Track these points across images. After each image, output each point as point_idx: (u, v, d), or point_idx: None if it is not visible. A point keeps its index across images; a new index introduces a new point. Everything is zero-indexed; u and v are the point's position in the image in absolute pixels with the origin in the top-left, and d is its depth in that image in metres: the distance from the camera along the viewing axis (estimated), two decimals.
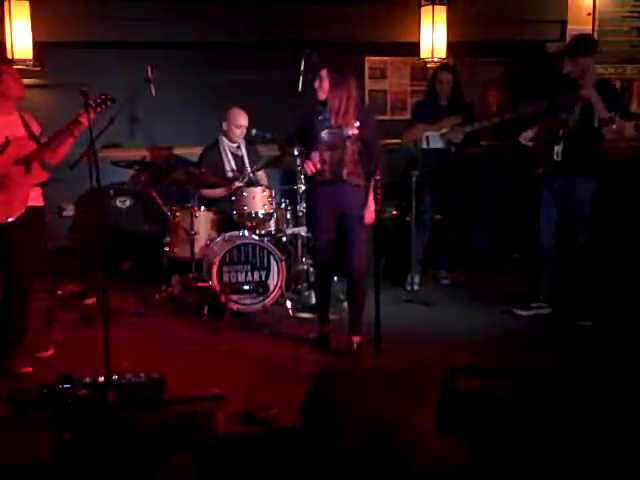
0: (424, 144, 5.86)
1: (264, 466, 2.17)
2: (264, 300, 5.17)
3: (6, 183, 4.02)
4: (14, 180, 4.04)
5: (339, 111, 4.20)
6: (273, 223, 5.38)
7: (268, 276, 5.18)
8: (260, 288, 5.17)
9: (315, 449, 1.99)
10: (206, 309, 5.08)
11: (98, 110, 4.11)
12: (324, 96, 4.28)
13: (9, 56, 5.72)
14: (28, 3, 5.79)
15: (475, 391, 2.58)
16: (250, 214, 5.27)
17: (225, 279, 5.08)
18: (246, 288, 5.15)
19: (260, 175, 5.89)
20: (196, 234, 5.26)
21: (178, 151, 6.51)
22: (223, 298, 4.97)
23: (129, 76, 5.39)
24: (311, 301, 5.26)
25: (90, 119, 3.76)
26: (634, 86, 6.74)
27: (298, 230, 5.48)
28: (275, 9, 6.18)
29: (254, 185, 5.43)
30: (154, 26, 6.07)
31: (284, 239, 5.54)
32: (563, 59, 4.91)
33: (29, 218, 4.09)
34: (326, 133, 4.28)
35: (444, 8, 6.29)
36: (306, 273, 5.48)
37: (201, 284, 5.14)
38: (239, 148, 5.81)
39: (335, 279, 4.84)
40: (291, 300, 5.27)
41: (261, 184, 5.58)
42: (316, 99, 4.35)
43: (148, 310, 5.20)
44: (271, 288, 5.18)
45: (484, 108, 6.82)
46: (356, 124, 4.19)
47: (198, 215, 5.36)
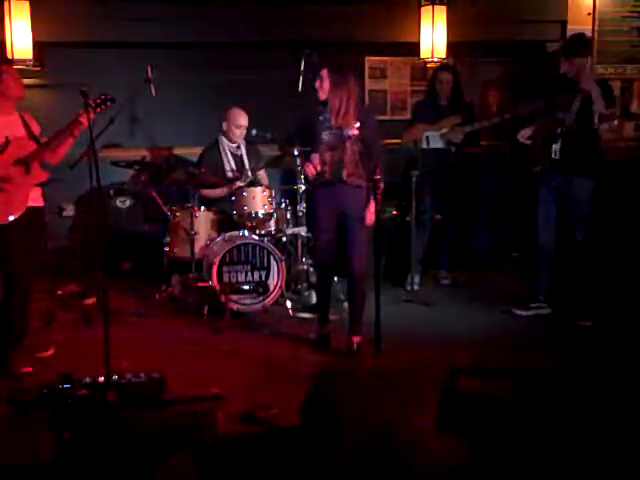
0: (424, 144, 5.86)
1: (264, 466, 2.17)
2: (264, 300, 5.18)
3: (6, 183, 4.02)
4: (14, 180, 4.04)
5: (339, 111, 4.20)
6: (273, 223, 5.38)
7: (268, 276, 5.18)
8: (260, 288, 5.17)
9: (315, 449, 1.99)
10: (206, 309, 5.08)
11: (98, 110, 4.11)
12: (325, 96, 4.28)
13: (9, 56, 5.72)
14: (28, 3, 5.79)
15: (475, 391, 2.58)
16: (250, 214, 5.27)
17: (225, 279, 5.08)
18: (246, 288, 5.15)
19: (261, 175, 5.89)
20: (196, 234, 5.26)
21: (178, 151, 6.51)
22: (223, 298, 4.97)
23: (129, 76, 5.39)
24: (311, 301, 5.26)
25: (90, 119, 3.76)
26: (634, 86, 6.74)
27: (298, 230, 5.49)
28: (275, 9, 6.18)
29: (254, 185, 5.44)
30: (154, 26, 6.08)
31: (284, 239, 5.55)
32: (559, 59, 4.92)
33: (29, 218, 4.09)
34: (326, 134, 4.27)
35: (444, 8, 6.29)
36: (306, 273, 5.49)
37: (201, 284, 5.14)
38: (239, 148, 5.81)
39: (335, 279, 4.84)
40: (291, 300, 5.27)
41: (261, 184, 5.58)
42: (316, 99, 4.35)
43: (148, 310, 5.20)
44: (271, 288, 5.18)
45: (484, 108, 6.82)
46: (356, 124, 4.19)
47: (198, 215, 5.36)
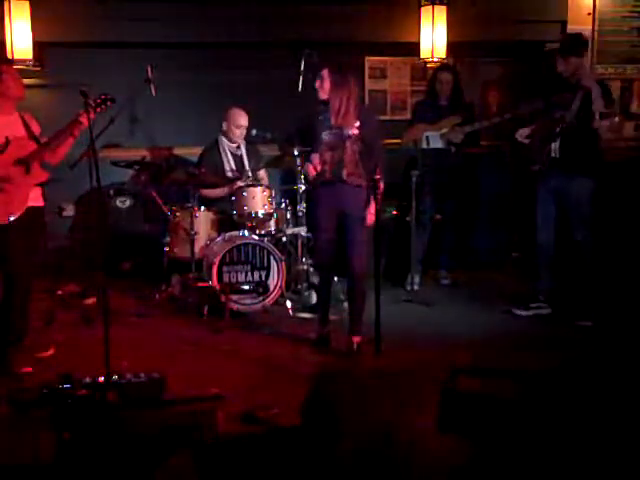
0: (424, 144, 5.86)
1: (264, 466, 2.17)
2: (264, 300, 5.17)
3: (6, 183, 4.02)
4: (14, 180, 4.04)
5: (339, 111, 4.20)
6: (273, 223, 5.38)
7: (268, 276, 5.18)
8: (260, 288, 5.17)
9: (315, 449, 1.99)
10: (206, 309, 5.08)
11: (98, 110, 4.12)
12: (325, 96, 4.28)
13: (9, 56, 5.72)
14: (28, 3, 5.79)
15: (475, 391, 2.58)
16: (250, 214, 5.27)
17: (225, 279, 5.08)
18: (246, 288, 5.15)
19: (262, 174, 5.89)
20: (196, 234, 5.26)
21: (178, 151, 6.51)
22: (223, 298, 4.97)
23: (129, 76, 5.39)
24: (311, 301, 5.26)
25: (90, 119, 3.76)
26: (634, 86, 6.74)
27: (298, 230, 5.48)
28: (275, 9, 6.18)
29: (254, 185, 5.44)
30: (154, 26, 6.07)
31: (284, 239, 5.54)
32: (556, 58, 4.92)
33: (29, 218, 4.09)
34: (327, 133, 4.28)
35: (444, 8, 6.29)
36: (306, 273, 5.48)
37: (201, 284, 5.14)
38: (239, 148, 5.81)
39: (335, 279, 4.84)
40: (291, 300, 5.27)
41: (262, 184, 5.58)
42: (316, 99, 4.36)
43: (148, 310, 5.20)
44: (271, 288, 5.18)
45: (484, 108, 6.82)
46: (356, 124, 4.19)
47: (198, 215, 5.36)
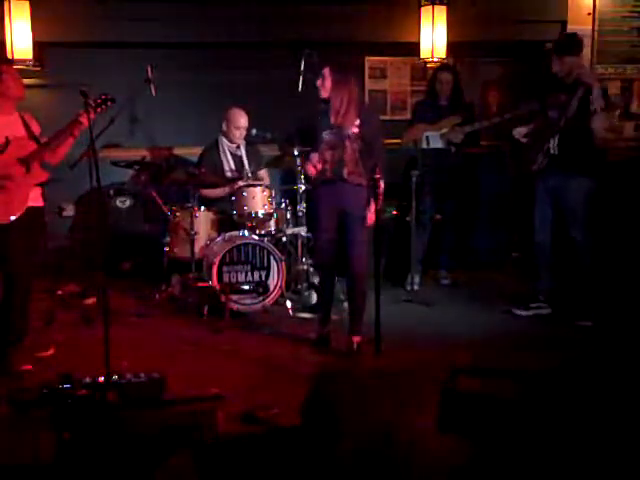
0: (424, 144, 5.86)
1: (264, 466, 2.17)
2: (264, 300, 5.17)
3: (6, 183, 4.02)
4: (14, 180, 4.04)
5: (340, 110, 4.20)
6: (273, 223, 5.38)
7: (268, 276, 5.18)
8: (260, 288, 5.17)
9: (315, 449, 1.99)
10: (206, 309, 5.08)
11: (98, 110, 4.12)
12: (326, 94, 4.28)
13: (9, 56, 5.72)
14: (28, 3, 5.79)
15: (475, 391, 2.58)
16: (250, 214, 5.27)
17: (225, 279, 5.08)
18: (246, 288, 5.15)
19: (262, 174, 5.89)
20: (196, 234, 5.26)
21: (178, 151, 6.51)
22: (223, 298, 4.97)
23: (129, 76, 5.39)
24: (311, 301, 5.26)
25: (90, 119, 3.76)
26: (634, 86, 6.74)
27: (298, 230, 5.48)
28: (275, 9, 6.18)
29: (254, 185, 5.44)
30: (154, 26, 6.07)
31: (284, 239, 5.54)
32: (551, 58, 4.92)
33: (29, 218, 4.09)
34: (327, 132, 4.28)
35: (444, 8, 6.29)
36: (306, 273, 5.48)
37: (201, 284, 5.14)
38: (238, 148, 5.81)
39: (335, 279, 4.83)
40: (291, 300, 5.27)
41: (262, 184, 5.57)
42: (317, 98, 4.35)
43: (148, 310, 5.20)
44: (271, 288, 5.18)
45: (484, 108, 6.82)
46: (356, 122, 4.19)
47: (198, 215, 5.36)
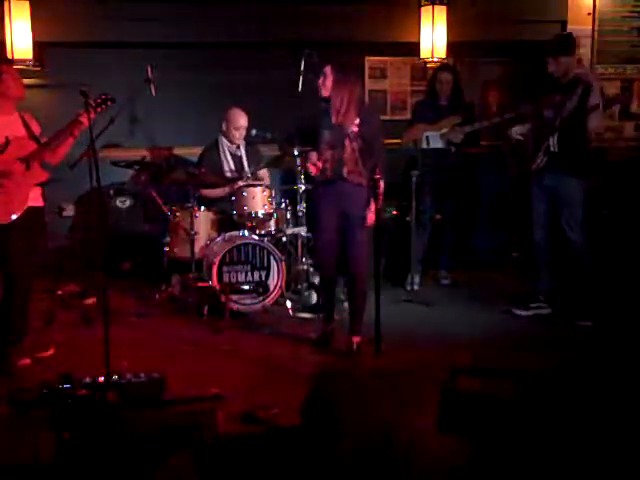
0: (424, 144, 5.86)
1: (264, 466, 2.17)
2: (264, 300, 5.17)
3: (6, 183, 4.02)
4: (14, 180, 4.04)
5: (340, 110, 4.19)
6: (273, 223, 5.38)
7: (268, 276, 5.18)
8: (260, 288, 5.17)
9: (315, 449, 1.99)
10: (206, 309, 5.08)
11: (98, 110, 4.12)
12: (327, 93, 4.27)
13: (9, 56, 5.72)
14: (28, 3, 5.79)
15: (475, 391, 2.58)
16: (250, 214, 5.27)
17: (225, 279, 5.08)
18: (246, 288, 5.15)
19: (263, 174, 5.89)
20: (196, 234, 5.26)
21: (178, 151, 6.51)
22: (223, 298, 4.97)
23: (129, 76, 5.38)
24: (311, 301, 5.26)
25: (90, 119, 3.76)
26: (634, 86, 6.74)
27: (298, 230, 5.48)
28: (275, 9, 6.18)
29: (254, 185, 5.43)
30: (154, 26, 6.07)
31: (284, 239, 5.54)
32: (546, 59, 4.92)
33: (29, 218, 4.09)
34: (327, 132, 4.28)
35: (444, 8, 6.29)
36: (306, 273, 5.48)
37: (201, 284, 5.14)
38: (238, 149, 5.81)
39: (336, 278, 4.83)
40: (291, 300, 5.26)
41: (261, 184, 5.57)
42: (317, 98, 4.35)
43: (148, 310, 5.20)
44: (271, 288, 5.18)
45: (484, 108, 6.81)
46: (356, 122, 4.19)
47: (198, 215, 5.36)
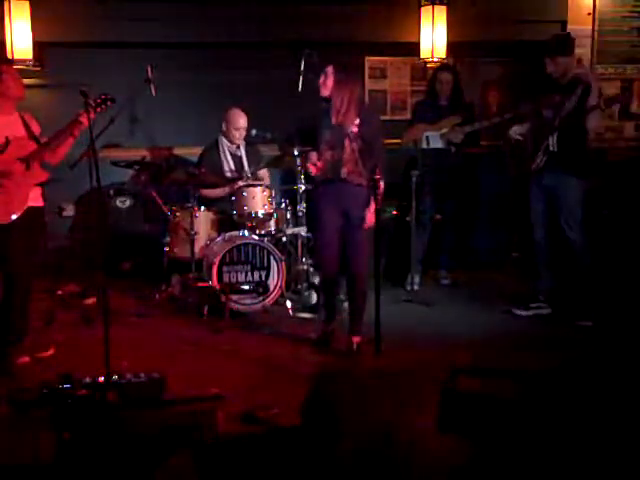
0: (424, 144, 5.86)
1: (264, 466, 2.17)
2: (264, 300, 5.17)
3: (6, 183, 4.02)
4: (14, 180, 4.04)
5: (341, 109, 4.19)
6: (273, 223, 5.38)
7: (268, 276, 5.18)
8: (260, 288, 5.17)
9: (315, 449, 1.99)
10: (206, 309, 5.08)
11: (98, 110, 4.12)
12: (327, 93, 4.26)
13: (9, 56, 5.72)
14: (28, 3, 5.79)
15: (475, 391, 2.58)
16: (250, 214, 5.27)
17: (225, 279, 5.08)
18: (246, 288, 5.15)
19: (263, 173, 5.89)
20: (196, 234, 5.26)
21: (178, 151, 6.51)
22: (223, 298, 4.97)
23: (129, 76, 5.39)
24: (311, 301, 5.26)
25: (90, 119, 3.76)
26: (634, 86, 6.74)
27: (298, 230, 5.48)
28: (275, 9, 6.18)
29: (254, 185, 5.43)
30: (154, 26, 6.07)
31: (284, 239, 5.54)
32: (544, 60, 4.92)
33: (29, 218, 4.09)
34: (327, 132, 4.28)
35: (444, 8, 6.29)
36: (306, 273, 5.48)
37: (201, 284, 5.14)
38: (238, 149, 5.81)
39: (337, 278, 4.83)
40: (291, 300, 5.26)
41: (261, 184, 5.57)
42: (317, 98, 4.34)
43: (148, 310, 5.20)
44: (271, 288, 5.18)
45: (484, 108, 6.81)
46: (356, 122, 4.19)
47: (198, 215, 5.36)
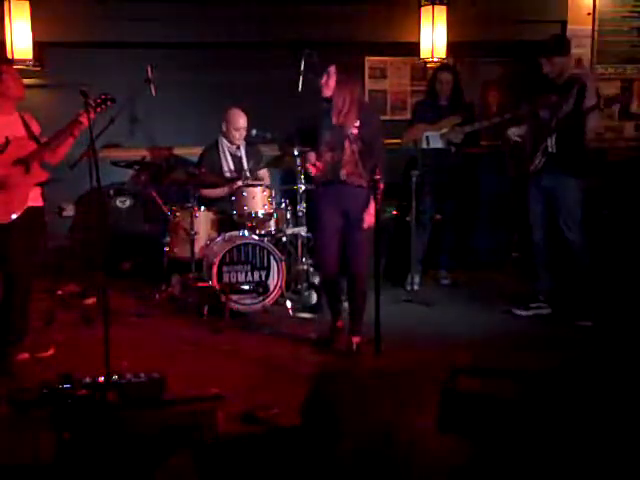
0: (424, 144, 5.86)
1: (264, 466, 2.17)
2: (264, 300, 5.17)
3: (6, 183, 4.02)
4: (14, 180, 4.04)
5: (342, 110, 4.19)
6: (273, 223, 5.38)
7: (268, 276, 5.18)
8: (260, 288, 5.17)
9: (315, 449, 1.99)
10: (206, 309, 5.08)
11: (98, 110, 4.12)
12: (329, 93, 4.24)
13: (9, 56, 5.72)
14: (28, 3, 5.79)
15: (475, 391, 2.58)
16: (250, 214, 5.27)
17: (225, 279, 5.08)
18: (246, 288, 5.15)
19: (263, 173, 5.89)
20: (196, 234, 5.26)
21: (178, 151, 6.51)
22: (223, 298, 4.97)
23: (129, 76, 5.39)
24: (311, 301, 5.26)
25: (90, 119, 3.76)
26: (634, 86, 6.74)
27: (298, 230, 5.48)
28: (275, 9, 6.19)
29: (254, 185, 5.43)
30: (154, 26, 6.07)
31: (284, 239, 5.54)
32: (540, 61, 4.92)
33: (29, 218, 4.09)
34: (327, 133, 4.28)
35: (444, 8, 6.29)
36: (306, 273, 5.48)
37: (201, 284, 5.14)
38: (238, 149, 5.81)
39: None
40: (291, 300, 5.26)
41: (261, 184, 5.57)
42: (317, 98, 4.34)
43: (148, 310, 5.20)
44: (271, 288, 5.18)
45: (484, 108, 6.81)
46: (356, 123, 4.19)
47: (198, 215, 5.36)
